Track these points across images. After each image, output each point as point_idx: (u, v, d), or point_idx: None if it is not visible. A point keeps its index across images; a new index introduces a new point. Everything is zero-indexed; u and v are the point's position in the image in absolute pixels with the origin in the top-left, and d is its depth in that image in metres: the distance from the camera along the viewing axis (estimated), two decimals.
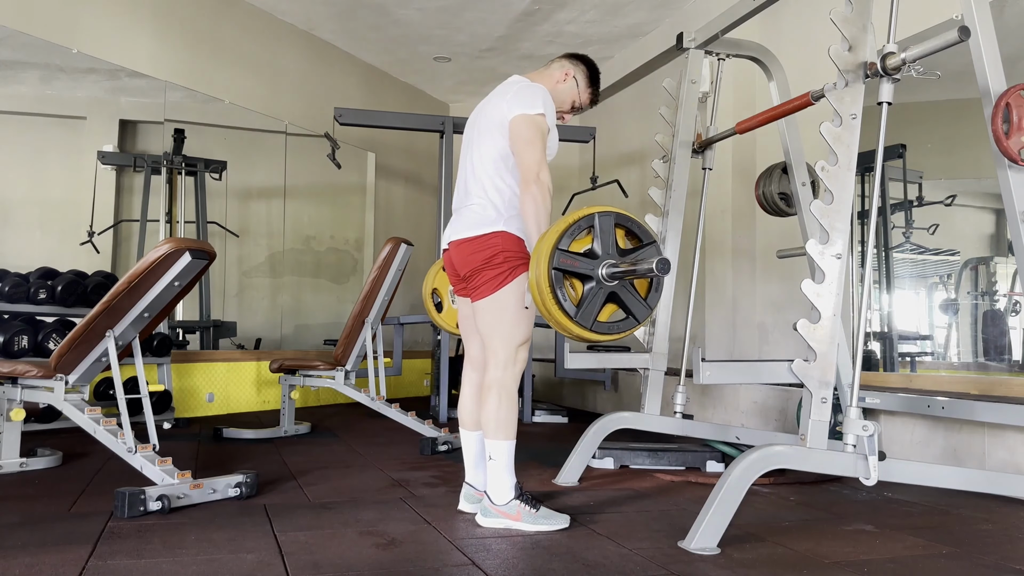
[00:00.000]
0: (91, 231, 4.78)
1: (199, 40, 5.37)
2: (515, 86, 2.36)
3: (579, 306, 1.99)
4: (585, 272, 2.00)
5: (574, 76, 2.52)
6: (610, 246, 2.03)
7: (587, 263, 2.01)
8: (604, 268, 2.01)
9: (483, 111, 2.42)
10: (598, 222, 2.03)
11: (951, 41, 2.14)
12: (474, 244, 2.29)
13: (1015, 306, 3.75)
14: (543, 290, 1.96)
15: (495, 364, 2.28)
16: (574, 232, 2.00)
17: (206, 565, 1.83)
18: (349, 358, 4.16)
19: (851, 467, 2.17)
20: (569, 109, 2.55)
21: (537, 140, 2.24)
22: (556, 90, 2.48)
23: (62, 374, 2.74)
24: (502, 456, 2.24)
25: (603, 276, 2.00)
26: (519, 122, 2.26)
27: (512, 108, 2.27)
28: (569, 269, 1.98)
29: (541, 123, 2.27)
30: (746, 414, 4.31)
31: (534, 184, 2.20)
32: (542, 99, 2.29)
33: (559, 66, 2.53)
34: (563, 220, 2.03)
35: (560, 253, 1.97)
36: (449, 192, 5.21)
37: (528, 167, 2.22)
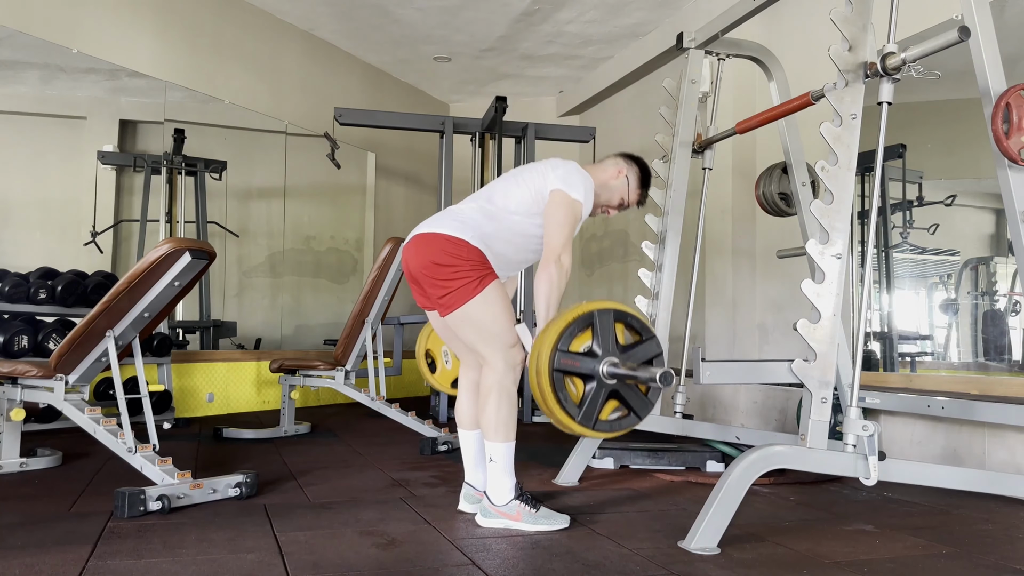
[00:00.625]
0: (94, 231, 4.78)
1: (199, 40, 5.37)
2: (567, 165, 2.39)
3: (580, 405, 1.99)
4: (586, 372, 2.00)
5: (626, 175, 2.54)
6: (610, 343, 2.02)
7: (588, 362, 2.00)
8: (605, 366, 2.00)
9: (527, 165, 2.46)
10: (597, 319, 2.02)
11: (951, 41, 2.14)
12: (441, 239, 2.25)
13: (1015, 306, 3.75)
14: (545, 392, 1.96)
15: (491, 368, 2.27)
16: (573, 330, 2.00)
17: (206, 565, 1.83)
18: (349, 358, 4.16)
19: (851, 467, 2.17)
20: (616, 205, 2.57)
21: (569, 224, 2.28)
22: (607, 185, 2.52)
23: (62, 374, 2.74)
24: (502, 457, 2.24)
25: (604, 375, 2.00)
26: (560, 198, 2.29)
27: (558, 182, 2.31)
28: (570, 370, 1.98)
29: (578, 210, 2.31)
30: (746, 414, 4.31)
31: (554, 265, 2.22)
32: (586, 189, 2.33)
33: (613, 163, 2.57)
34: (562, 318, 2.02)
35: (560, 354, 1.97)
36: (449, 192, 5.21)
37: (553, 247, 2.25)
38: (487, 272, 2.25)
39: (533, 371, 2.00)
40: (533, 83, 7.22)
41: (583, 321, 2.02)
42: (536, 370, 1.98)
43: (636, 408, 2.06)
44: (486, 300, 2.22)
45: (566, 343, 1.99)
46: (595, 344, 2.02)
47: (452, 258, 2.22)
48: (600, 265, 6.83)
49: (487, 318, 2.24)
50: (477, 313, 2.23)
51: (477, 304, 2.22)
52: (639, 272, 3.32)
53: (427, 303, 2.37)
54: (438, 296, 2.26)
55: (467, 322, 2.26)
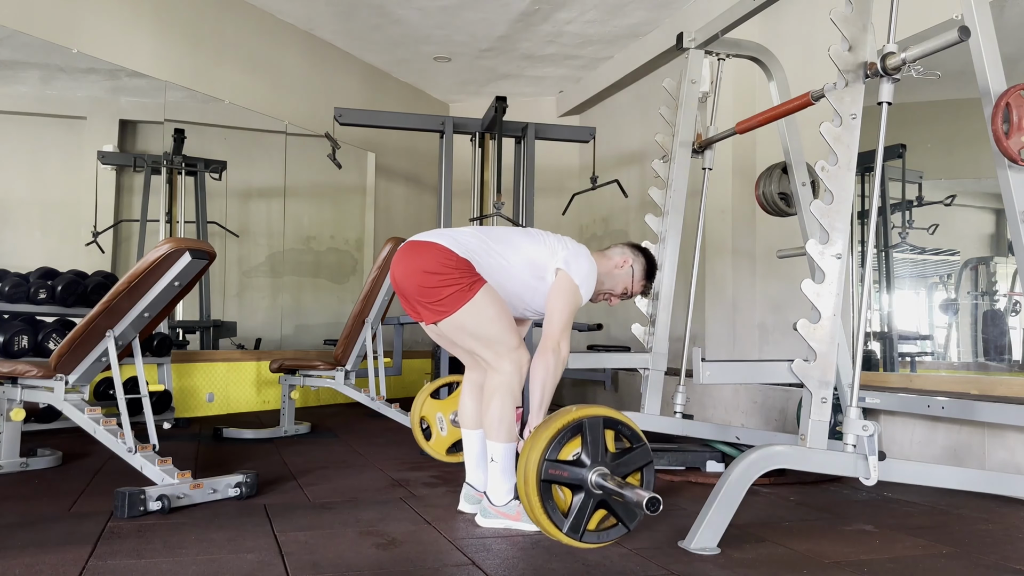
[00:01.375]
0: (95, 231, 4.78)
1: (199, 40, 5.37)
2: (578, 249, 2.40)
3: (567, 515, 1.98)
4: (574, 482, 1.99)
5: (632, 265, 2.56)
6: (599, 452, 2.01)
7: (576, 473, 1.99)
8: (594, 476, 1.98)
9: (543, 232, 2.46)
10: (587, 428, 2.01)
11: (951, 41, 2.14)
12: (433, 248, 2.25)
13: (1015, 306, 3.75)
14: (532, 502, 1.96)
15: (497, 372, 2.27)
16: (563, 438, 1.99)
17: (206, 565, 1.83)
18: (349, 358, 4.16)
19: (851, 467, 2.17)
20: (619, 294, 2.58)
21: (569, 311, 2.30)
22: (612, 274, 2.53)
23: (62, 374, 2.74)
24: (504, 458, 2.24)
25: (592, 485, 1.98)
26: (565, 284, 2.31)
27: (563, 262, 2.33)
28: (558, 480, 1.97)
29: (578, 298, 2.33)
30: (746, 414, 4.31)
31: (551, 353, 2.24)
32: (587, 277, 2.35)
33: (620, 253, 2.58)
34: (551, 425, 2.00)
35: (548, 464, 1.96)
36: (449, 192, 5.21)
37: (552, 334, 2.27)
38: (476, 278, 2.24)
39: (521, 479, 1.99)
40: (533, 83, 7.22)
41: (572, 429, 2.00)
42: (524, 478, 1.98)
43: (624, 518, 2.03)
44: (478, 305, 2.21)
45: (555, 452, 1.98)
46: (584, 453, 2.00)
47: (440, 266, 2.21)
48: None
49: (482, 323, 2.23)
50: (471, 319, 2.22)
51: (469, 310, 2.21)
52: None
53: (414, 313, 2.34)
54: (427, 303, 2.24)
55: (463, 330, 2.25)
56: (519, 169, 5.42)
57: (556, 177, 7.27)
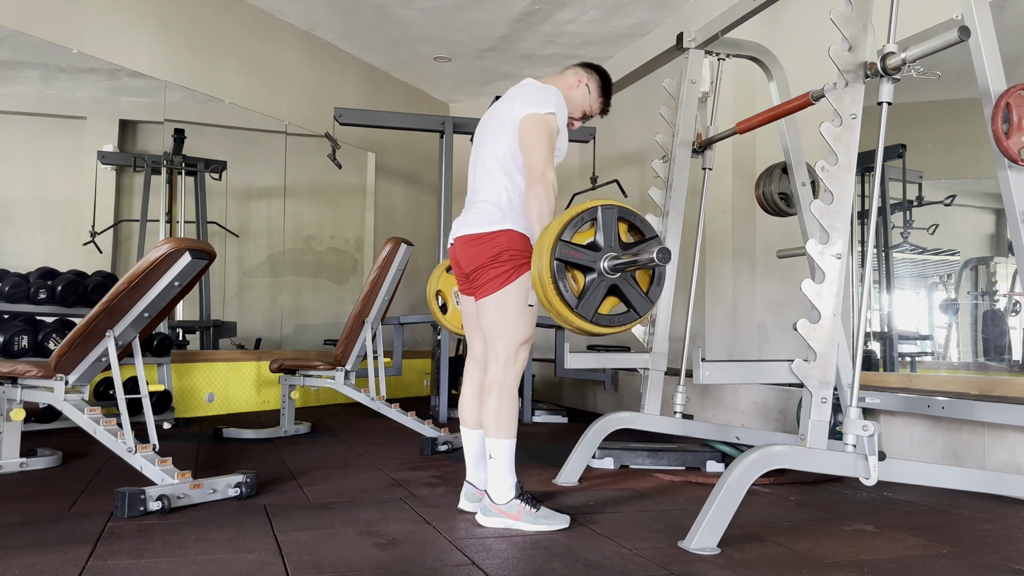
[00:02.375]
0: (94, 231, 4.78)
1: (199, 40, 5.37)
2: (528, 88, 2.37)
3: (580, 297, 2.00)
4: (587, 264, 2.01)
5: (587, 84, 2.53)
6: (612, 239, 2.03)
7: (589, 255, 2.01)
8: (606, 260, 2.01)
9: (495, 110, 2.43)
10: (601, 215, 2.03)
11: (951, 41, 2.14)
12: (480, 241, 2.29)
13: (1015, 306, 3.75)
14: (545, 281, 1.97)
15: (496, 362, 2.28)
16: (577, 224, 2.01)
17: (206, 565, 1.83)
18: (349, 358, 4.16)
19: (851, 467, 2.17)
20: (580, 116, 2.56)
21: (544, 140, 2.26)
22: (569, 96, 2.49)
23: (62, 374, 2.74)
24: (503, 455, 2.24)
25: (605, 268, 2.01)
26: (529, 121, 2.28)
27: (523, 108, 2.29)
28: (571, 260, 1.99)
29: (551, 122, 2.29)
30: (746, 414, 4.31)
31: (539, 183, 2.22)
32: (555, 100, 2.31)
33: (573, 73, 2.55)
34: (566, 212, 2.03)
35: (563, 244, 1.98)
36: (449, 192, 5.21)
37: (534, 166, 2.24)
38: (524, 261, 2.27)
39: (535, 261, 2.00)
40: None
41: (587, 215, 2.02)
42: (538, 259, 1.99)
43: (635, 305, 2.06)
44: (516, 289, 2.25)
45: (569, 234, 1.99)
46: (598, 238, 2.03)
47: (496, 248, 2.26)
48: None
49: (511, 306, 2.26)
50: (503, 300, 2.26)
51: (508, 291, 2.25)
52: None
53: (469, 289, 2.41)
54: (479, 282, 2.30)
55: (491, 307, 2.29)
56: None
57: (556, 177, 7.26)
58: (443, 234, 5.27)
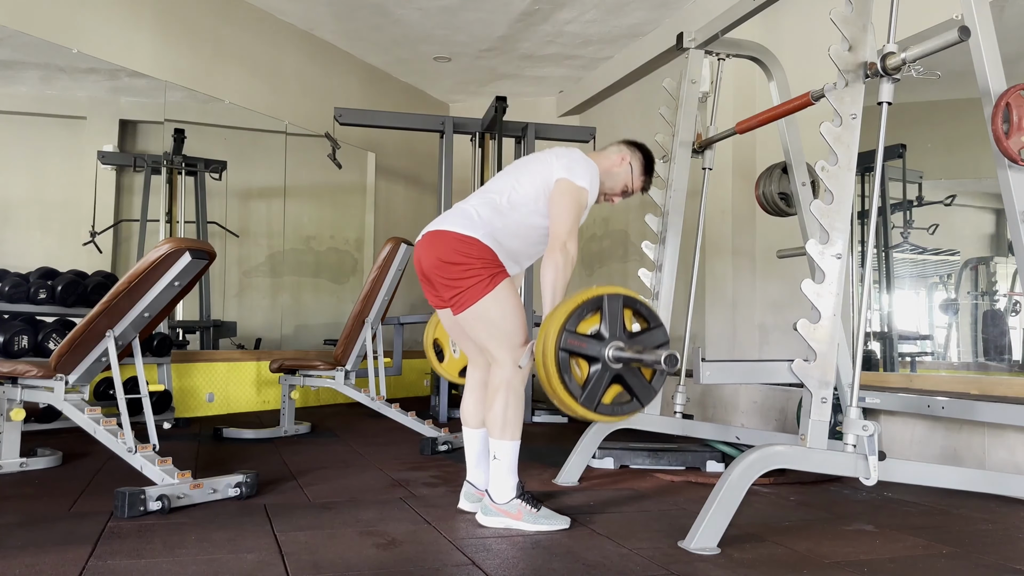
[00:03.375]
0: (93, 231, 4.78)
1: (199, 40, 5.37)
2: (571, 153, 2.39)
3: (584, 387, 1.99)
4: (592, 354, 2.00)
5: (630, 162, 2.54)
6: (617, 328, 2.03)
7: (594, 345, 2.00)
8: (611, 350, 2.00)
9: (532, 156, 2.45)
10: (606, 304, 2.02)
11: (951, 41, 2.14)
12: (451, 237, 2.26)
13: (1015, 306, 3.75)
14: (549, 370, 1.96)
15: (502, 367, 2.27)
16: (582, 312, 2.00)
17: (206, 565, 1.83)
18: (349, 358, 4.16)
19: (851, 467, 2.17)
20: (620, 192, 2.57)
21: (573, 211, 2.28)
22: (611, 173, 2.51)
23: (62, 374, 2.74)
24: (507, 456, 2.24)
25: (609, 359, 2.00)
26: (564, 186, 2.30)
27: (562, 171, 2.31)
28: (576, 351, 1.98)
29: (583, 197, 2.32)
30: (746, 414, 4.31)
31: (559, 252, 2.22)
32: (593, 178, 2.34)
33: (616, 150, 2.56)
34: (572, 300, 2.02)
35: (568, 334, 1.97)
36: (449, 192, 5.21)
37: (558, 235, 2.25)
38: (498, 270, 2.26)
39: (539, 350, 2.00)
40: (533, 83, 7.22)
41: (592, 304, 2.02)
42: (543, 349, 1.98)
43: (639, 394, 2.06)
44: (497, 298, 2.23)
45: (574, 324, 1.99)
46: (603, 327, 2.02)
47: (463, 256, 2.23)
48: (600, 265, 6.83)
49: (498, 316, 2.24)
50: (488, 311, 2.24)
51: (488, 302, 2.22)
52: (639, 272, 3.32)
53: (439, 302, 2.37)
54: (450, 295, 2.26)
55: (478, 320, 2.26)
56: None
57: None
58: None
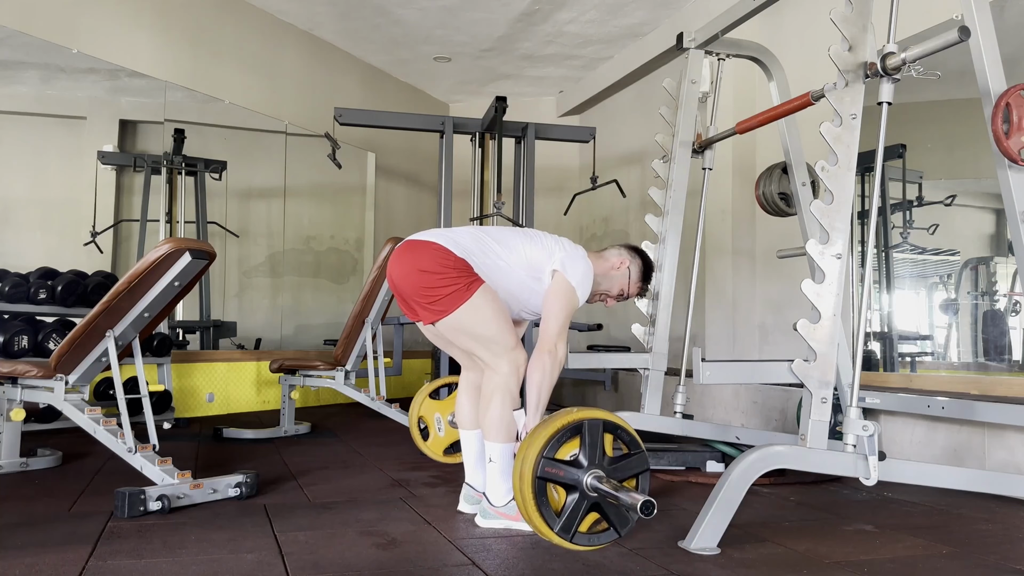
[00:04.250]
0: (94, 231, 4.78)
1: (199, 40, 5.37)
2: (575, 250, 2.39)
3: (560, 515, 1.98)
4: (569, 482, 1.99)
5: (628, 267, 2.55)
6: (597, 455, 2.01)
7: (572, 473, 1.99)
8: (590, 478, 1.98)
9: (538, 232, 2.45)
10: (587, 430, 2.01)
11: (951, 41, 2.14)
12: (429, 247, 2.25)
13: (1015, 306, 3.75)
14: (526, 497, 1.96)
15: (495, 372, 2.26)
16: (561, 437, 1.99)
17: (206, 565, 1.83)
18: (349, 358, 4.16)
19: (851, 467, 2.17)
20: (615, 295, 2.57)
21: (567, 312, 2.30)
22: (608, 275, 2.52)
23: (62, 374, 2.74)
24: (502, 459, 2.24)
25: (587, 487, 1.98)
26: (561, 286, 2.31)
27: (559, 264, 2.32)
28: (554, 479, 1.98)
29: (575, 299, 2.33)
30: (746, 414, 4.31)
31: (548, 354, 2.24)
32: (587, 282, 2.35)
33: (617, 254, 2.56)
34: (551, 424, 2.00)
35: (545, 461, 1.96)
36: (449, 192, 5.21)
37: (548, 336, 2.26)
38: (474, 278, 2.23)
39: (516, 476, 1.99)
40: (533, 83, 7.22)
41: (572, 429, 2.00)
42: (520, 475, 1.97)
43: (616, 524, 2.02)
44: (475, 305, 2.20)
45: (553, 450, 1.98)
46: (582, 454, 2.00)
47: (438, 265, 2.21)
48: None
49: (480, 323, 2.23)
50: (469, 319, 2.21)
51: (467, 310, 2.20)
52: None
53: (411, 313, 2.34)
54: (425, 304, 2.23)
55: (460, 329, 2.24)
56: (519, 169, 5.42)
57: (556, 177, 7.27)
58: None
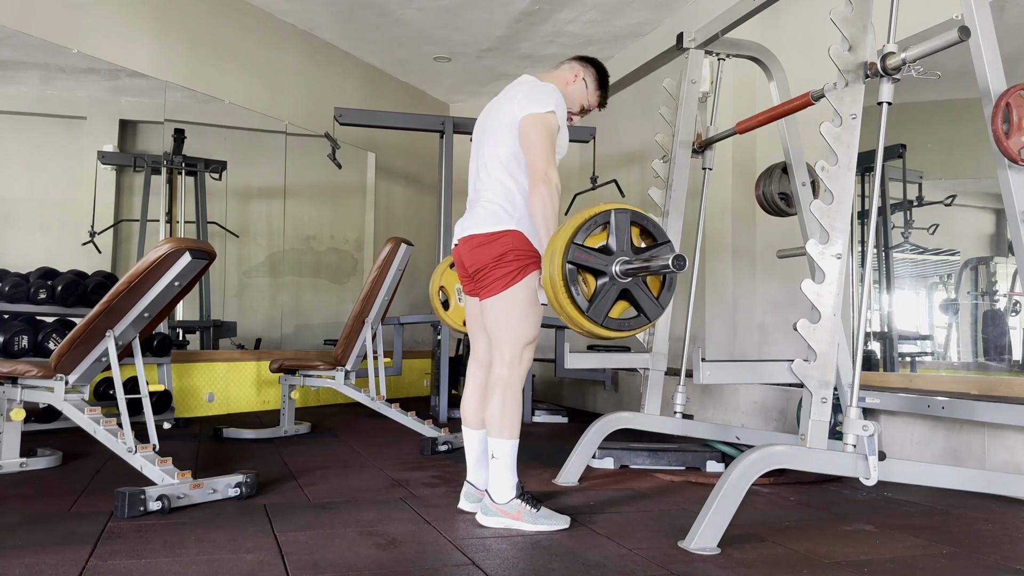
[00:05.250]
0: (93, 231, 4.78)
1: (199, 40, 5.37)
2: (525, 86, 2.36)
3: (591, 301, 1.99)
4: (599, 267, 2.01)
5: (583, 78, 2.52)
6: (625, 243, 2.03)
7: (601, 259, 2.01)
8: (618, 264, 2.01)
9: (492, 110, 2.42)
10: (614, 219, 2.03)
11: (951, 41, 2.14)
12: (484, 241, 2.29)
13: (1015, 306, 3.75)
14: (556, 284, 1.97)
15: (501, 362, 2.28)
16: (589, 227, 2.01)
17: (206, 565, 1.83)
18: (349, 358, 4.16)
19: (851, 467, 2.17)
20: (578, 111, 2.55)
21: (545, 139, 2.25)
22: (566, 92, 2.48)
23: (62, 374, 2.74)
24: (505, 455, 2.24)
25: (617, 272, 2.01)
26: (529, 121, 2.27)
27: (523, 107, 2.29)
28: (583, 264, 1.99)
29: (551, 121, 2.28)
30: (746, 414, 4.31)
31: (542, 183, 2.22)
32: (553, 98, 2.30)
33: (569, 68, 2.54)
34: (579, 215, 2.03)
35: (575, 247, 1.98)
36: (449, 192, 5.21)
37: (536, 166, 2.24)
38: (530, 261, 2.26)
39: (547, 262, 2.00)
40: None
41: (600, 219, 2.02)
42: (550, 261, 1.98)
43: (646, 310, 2.06)
44: (516, 292, 2.24)
45: (581, 238, 1.99)
46: (610, 241, 2.02)
47: (501, 248, 2.25)
48: None
49: (518, 308, 2.25)
50: (509, 299, 2.25)
51: (514, 291, 2.24)
52: None
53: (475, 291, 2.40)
54: (486, 284, 2.29)
55: (496, 307, 2.28)
56: None
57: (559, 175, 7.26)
58: (443, 234, 5.27)
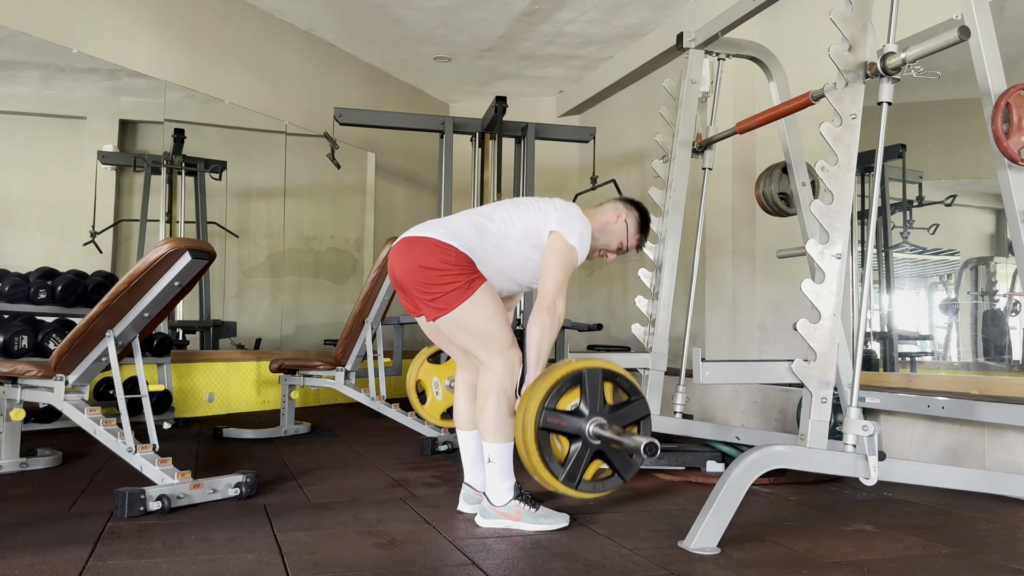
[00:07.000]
0: (93, 231, 4.78)
1: (199, 40, 5.37)
2: (568, 208, 2.40)
3: (564, 464, 1.99)
4: (572, 431, 2.00)
5: (626, 219, 2.55)
6: (598, 403, 2.03)
7: (574, 421, 2.01)
8: (592, 426, 2.00)
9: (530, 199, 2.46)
10: (587, 379, 2.03)
11: (951, 41, 2.14)
12: (429, 243, 2.24)
13: (1015, 306, 3.75)
14: (530, 449, 1.97)
15: (491, 371, 2.26)
16: (561, 388, 2.01)
17: (206, 565, 1.83)
18: (349, 358, 4.16)
19: (851, 467, 2.17)
20: (615, 249, 2.57)
21: (563, 270, 2.30)
22: (606, 230, 2.52)
23: (62, 374, 2.74)
24: (501, 458, 2.24)
25: (589, 435, 2.00)
26: (556, 243, 2.31)
27: (556, 224, 2.32)
28: (556, 429, 1.99)
29: (573, 257, 2.33)
30: (746, 414, 4.31)
31: (547, 312, 2.24)
32: (585, 239, 2.35)
33: (613, 207, 2.57)
34: (552, 375, 2.02)
35: (547, 412, 1.98)
36: (449, 192, 5.21)
37: (547, 294, 2.27)
38: (475, 276, 2.24)
39: (519, 427, 2.00)
40: (533, 83, 7.22)
41: (572, 379, 2.02)
42: (522, 426, 1.99)
43: (620, 469, 2.05)
44: (476, 303, 2.21)
45: (553, 401, 1.99)
46: (583, 403, 2.02)
47: (439, 262, 2.21)
48: (600, 265, 6.83)
49: (480, 321, 2.23)
50: (469, 317, 2.22)
51: (468, 307, 2.20)
52: (639, 272, 3.32)
53: (414, 309, 2.35)
54: (427, 300, 2.24)
55: (459, 326, 2.24)
56: (519, 169, 5.42)
57: (556, 177, 7.27)
58: None
